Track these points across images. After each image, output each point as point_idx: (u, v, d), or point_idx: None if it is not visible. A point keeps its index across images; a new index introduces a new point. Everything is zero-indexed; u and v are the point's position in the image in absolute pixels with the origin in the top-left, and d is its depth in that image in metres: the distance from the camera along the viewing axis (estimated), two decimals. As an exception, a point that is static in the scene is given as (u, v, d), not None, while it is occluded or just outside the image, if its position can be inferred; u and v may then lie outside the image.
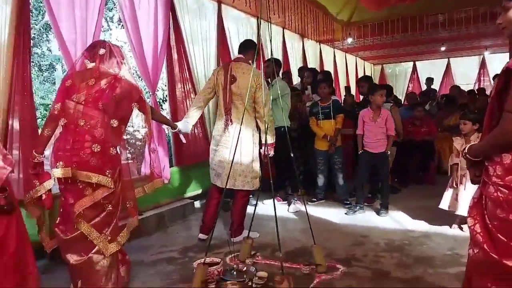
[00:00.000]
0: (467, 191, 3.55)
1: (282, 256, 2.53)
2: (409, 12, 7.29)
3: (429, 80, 10.02)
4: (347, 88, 6.90)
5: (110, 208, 2.53)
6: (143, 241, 3.71)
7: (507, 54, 7.67)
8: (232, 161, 3.11)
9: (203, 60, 5.36)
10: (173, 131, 3.51)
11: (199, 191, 5.08)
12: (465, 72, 12.88)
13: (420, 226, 3.93)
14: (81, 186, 2.45)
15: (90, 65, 2.66)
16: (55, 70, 10.92)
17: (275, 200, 4.84)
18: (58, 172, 2.44)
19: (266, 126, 3.37)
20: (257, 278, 2.77)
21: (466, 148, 1.80)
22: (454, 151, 3.76)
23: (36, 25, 9.82)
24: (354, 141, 5.16)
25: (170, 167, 4.65)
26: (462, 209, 3.56)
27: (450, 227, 3.79)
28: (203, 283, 2.61)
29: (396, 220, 4.16)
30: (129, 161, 3.34)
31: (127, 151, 3.08)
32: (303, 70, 6.37)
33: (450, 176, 3.83)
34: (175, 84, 4.86)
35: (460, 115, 3.75)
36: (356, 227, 3.97)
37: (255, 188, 3.63)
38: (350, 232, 3.84)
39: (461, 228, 3.73)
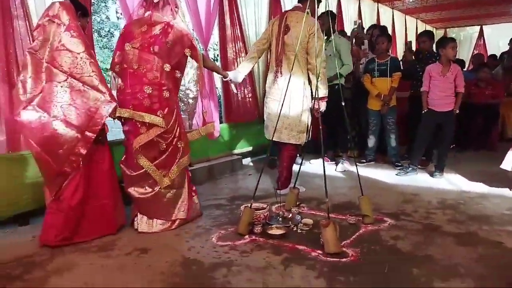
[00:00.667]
0: (534, 150, 3.29)
1: (328, 201, 2.51)
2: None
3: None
4: (409, 44, 6.35)
5: (164, 146, 2.77)
6: (194, 189, 3.87)
7: None
8: (280, 114, 3.11)
9: (254, 21, 5.32)
10: (224, 79, 3.57)
11: (247, 149, 5.16)
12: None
13: (477, 187, 3.72)
14: (138, 125, 2.70)
15: (146, 13, 2.83)
16: (113, 37, 11.38)
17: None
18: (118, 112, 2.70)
19: (318, 77, 3.26)
20: (302, 224, 2.81)
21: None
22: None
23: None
24: (410, 103, 4.92)
25: (220, 124, 4.75)
26: (526, 170, 3.32)
27: (510, 189, 3.56)
28: (250, 225, 2.69)
29: (451, 182, 3.97)
30: (182, 115, 3.46)
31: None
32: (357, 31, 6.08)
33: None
34: (227, 44, 4.89)
35: None
36: (407, 186, 3.85)
37: (301, 142, 3.56)
38: (400, 190, 3.73)
39: (523, 191, 3.49)
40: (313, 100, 3.46)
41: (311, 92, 3.51)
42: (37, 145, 2.47)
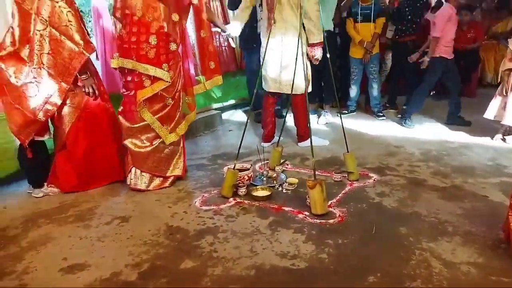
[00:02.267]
0: (518, 100, 3.27)
1: (314, 162, 2.43)
2: None
3: None
4: None
5: (171, 101, 2.69)
6: (172, 148, 3.71)
7: None
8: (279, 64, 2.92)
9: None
10: (224, 34, 3.38)
11: (227, 102, 4.97)
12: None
13: (459, 137, 3.73)
14: (142, 78, 2.58)
15: None
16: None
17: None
18: (113, 63, 2.62)
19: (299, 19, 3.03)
20: (287, 184, 2.74)
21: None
22: (508, 55, 3.38)
23: None
24: (393, 50, 4.76)
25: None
26: (510, 119, 3.31)
27: (492, 139, 3.57)
28: (234, 187, 2.60)
29: (434, 132, 3.96)
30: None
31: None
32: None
33: (500, 84, 3.50)
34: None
35: None
36: (390, 137, 3.80)
37: (301, 92, 3.33)
38: (383, 142, 3.69)
39: (504, 140, 3.51)
40: (308, 47, 3.30)
41: (307, 38, 3.29)
42: (11, 97, 2.48)
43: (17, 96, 2.49)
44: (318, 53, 3.27)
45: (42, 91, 2.50)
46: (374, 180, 2.82)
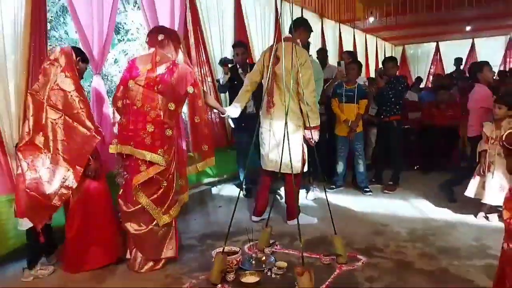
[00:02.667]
0: (495, 179, 3.41)
1: (302, 247, 2.46)
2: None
3: (458, 61, 9.36)
4: (380, 70, 6.32)
5: (165, 184, 2.78)
6: (162, 227, 3.71)
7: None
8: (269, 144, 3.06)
9: (219, 41, 5.26)
10: (222, 115, 3.53)
11: (217, 178, 5.05)
12: (490, 53, 12.29)
13: (444, 214, 3.81)
14: (139, 163, 2.71)
15: (150, 49, 2.87)
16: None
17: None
18: (111, 148, 2.78)
19: (286, 105, 3.23)
20: (276, 268, 2.74)
21: (504, 136, 1.68)
22: (483, 137, 3.59)
23: (53, 7, 9.78)
24: (378, 130, 5.01)
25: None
26: (489, 198, 3.43)
27: (475, 217, 3.66)
28: (222, 272, 2.59)
29: (418, 209, 4.05)
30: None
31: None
32: (323, 51, 6.17)
33: (477, 163, 3.67)
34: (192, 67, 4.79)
35: (495, 98, 3.56)
36: (376, 215, 3.87)
37: (298, 172, 3.47)
38: (370, 220, 3.74)
39: (487, 218, 3.60)
40: (305, 130, 3.47)
41: (303, 122, 3.47)
42: (26, 185, 2.55)
43: (33, 183, 2.57)
44: (314, 135, 3.43)
45: (57, 176, 2.60)
46: (362, 262, 2.83)
